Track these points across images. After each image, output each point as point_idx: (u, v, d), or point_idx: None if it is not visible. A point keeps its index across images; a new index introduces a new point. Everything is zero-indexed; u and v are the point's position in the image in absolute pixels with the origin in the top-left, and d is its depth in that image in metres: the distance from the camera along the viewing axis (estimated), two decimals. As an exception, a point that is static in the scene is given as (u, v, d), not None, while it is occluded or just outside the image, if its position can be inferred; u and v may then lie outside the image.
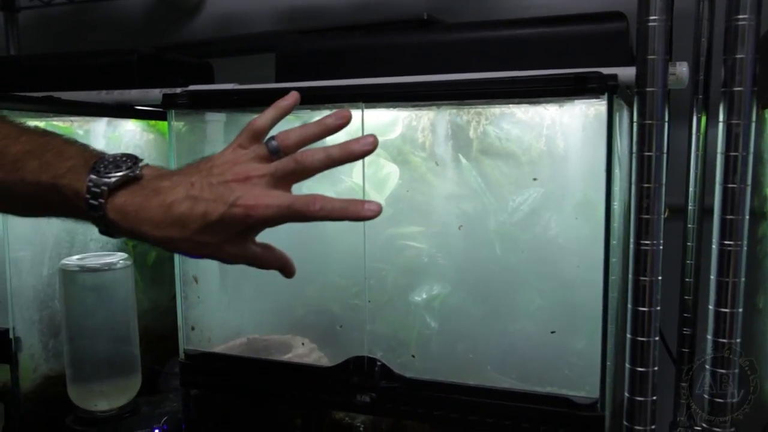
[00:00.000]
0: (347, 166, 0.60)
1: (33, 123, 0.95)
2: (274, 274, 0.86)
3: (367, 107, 0.70)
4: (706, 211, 0.91)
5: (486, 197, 0.78)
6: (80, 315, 0.86)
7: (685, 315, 0.94)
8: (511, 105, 0.73)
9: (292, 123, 0.85)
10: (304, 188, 0.57)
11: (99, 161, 0.54)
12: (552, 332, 0.68)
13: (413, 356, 0.73)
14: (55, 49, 1.43)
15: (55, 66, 1.09)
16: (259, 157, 0.56)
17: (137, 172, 0.54)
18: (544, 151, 0.75)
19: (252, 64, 1.20)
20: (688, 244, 0.94)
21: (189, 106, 0.75)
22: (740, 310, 0.58)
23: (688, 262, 0.94)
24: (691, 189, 0.93)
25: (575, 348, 0.70)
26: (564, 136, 0.73)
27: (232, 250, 0.55)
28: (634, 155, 0.58)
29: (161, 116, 1.03)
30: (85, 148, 0.57)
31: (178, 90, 0.94)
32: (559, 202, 0.75)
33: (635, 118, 0.57)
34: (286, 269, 0.59)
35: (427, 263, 0.80)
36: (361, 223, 0.76)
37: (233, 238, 0.54)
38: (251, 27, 1.38)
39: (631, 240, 0.58)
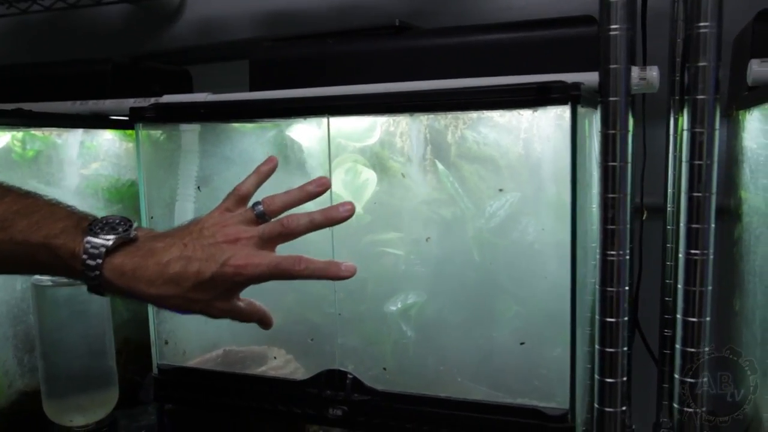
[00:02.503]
0: (325, 172, 0.70)
1: (7, 134, 0.95)
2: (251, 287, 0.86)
3: (332, 117, 0.69)
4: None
5: (463, 202, 0.77)
6: (53, 330, 0.85)
7: (666, 317, 0.94)
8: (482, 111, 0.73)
9: (267, 131, 0.85)
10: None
11: (93, 223, 0.57)
12: (521, 343, 0.68)
13: (384, 369, 0.72)
14: (34, 58, 1.42)
15: (28, 76, 1.08)
16: (247, 220, 0.61)
17: (132, 234, 0.58)
18: (521, 155, 0.74)
19: (230, 70, 1.19)
20: (668, 245, 0.94)
21: (156, 119, 0.74)
22: (708, 319, 0.57)
23: (668, 263, 0.94)
24: (669, 190, 0.93)
25: (550, 357, 0.70)
26: (540, 140, 0.72)
27: (220, 305, 0.59)
28: (598, 165, 0.57)
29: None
30: (73, 211, 0.60)
31: (152, 100, 0.94)
32: (535, 208, 0.75)
33: (599, 128, 0.57)
34: (264, 321, 0.64)
35: (403, 271, 0.79)
36: (336, 231, 0.76)
37: (222, 295, 0.58)
38: (231, 33, 1.36)
39: (594, 239, 0.58)
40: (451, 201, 0.76)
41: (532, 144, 0.72)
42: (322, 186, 0.63)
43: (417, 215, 0.79)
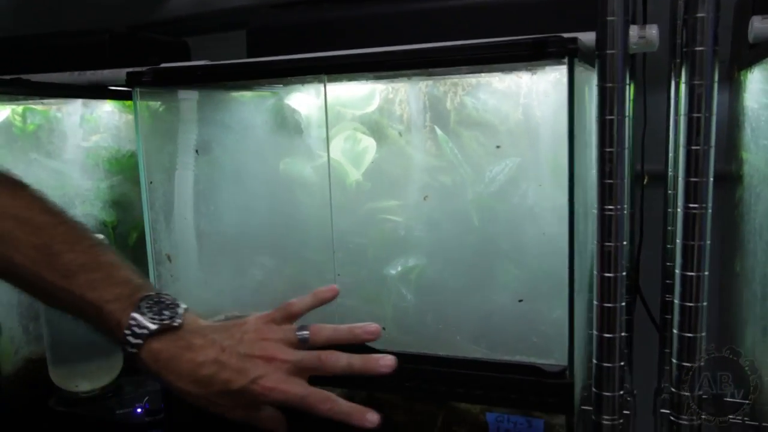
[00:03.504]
0: (324, 141, 0.70)
1: (7, 108, 0.95)
2: (251, 252, 0.86)
3: (329, 80, 0.69)
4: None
5: (463, 168, 0.77)
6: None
7: (668, 281, 0.93)
8: (484, 74, 0.73)
9: (266, 99, 0.85)
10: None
11: (145, 299, 0.59)
12: (520, 300, 0.68)
13: (383, 328, 0.72)
14: (35, 29, 1.41)
15: (26, 47, 1.07)
16: (288, 340, 0.61)
17: (177, 321, 0.59)
18: (520, 120, 0.74)
19: (229, 41, 1.18)
20: (669, 210, 0.93)
21: (153, 83, 0.74)
22: (706, 273, 0.57)
23: (669, 228, 0.94)
24: (670, 155, 0.92)
25: (548, 316, 0.70)
26: (539, 104, 0.72)
27: (240, 413, 0.61)
28: (596, 119, 0.57)
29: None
30: (131, 276, 0.61)
31: (145, 68, 0.94)
32: (535, 171, 0.74)
33: (596, 82, 0.56)
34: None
35: (403, 236, 0.79)
36: (336, 197, 0.77)
37: (245, 405, 0.60)
38: (229, 1, 1.35)
39: (596, 205, 0.58)
40: (450, 167, 0.76)
41: (531, 109, 0.72)
42: (373, 335, 0.63)
43: (416, 181, 0.79)
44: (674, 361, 0.59)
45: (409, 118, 0.79)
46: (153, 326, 0.57)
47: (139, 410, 0.87)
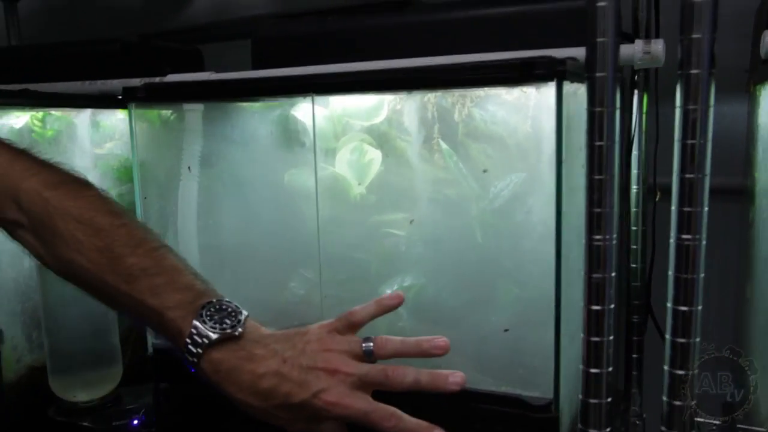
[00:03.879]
0: (329, 152, 0.70)
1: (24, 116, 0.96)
2: (254, 264, 0.85)
3: (317, 96, 0.68)
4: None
5: (467, 183, 0.75)
6: (58, 306, 0.87)
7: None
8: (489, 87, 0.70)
9: (273, 110, 0.84)
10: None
11: (206, 306, 0.58)
12: (505, 330, 0.66)
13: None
14: (56, 38, 1.43)
15: (39, 57, 1.09)
16: (352, 352, 0.60)
17: (238, 331, 0.58)
18: (529, 133, 0.72)
19: (243, 49, 1.19)
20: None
21: (147, 99, 0.74)
22: (699, 308, 0.54)
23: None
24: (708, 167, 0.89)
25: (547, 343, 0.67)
26: (548, 118, 0.69)
27: (301, 427, 0.59)
28: (585, 145, 0.54)
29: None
30: (194, 281, 0.60)
31: (157, 79, 0.94)
32: (541, 188, 0.72)
33: (586, 106, 0.54)
34: None
35: (403, 252, 0.78)
36: (339, 210, 0.77)
37: (305, 419, 0.59)
38: (245, 11, 1.36)
39: (584, 235, 0.55)
40: (456, 180, 0.74)
41: (539, 122, 0.69)
42: (439, 349, 0.61)
43: (421, 195, 0.77)
44: (664, 398, 0.56)
45: (416, 129, 0.77)
46: (214, 335, 0.57)
47: (135, 422, 0.87)
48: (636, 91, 0.89)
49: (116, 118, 1.10)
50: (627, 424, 0.92)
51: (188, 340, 0.57)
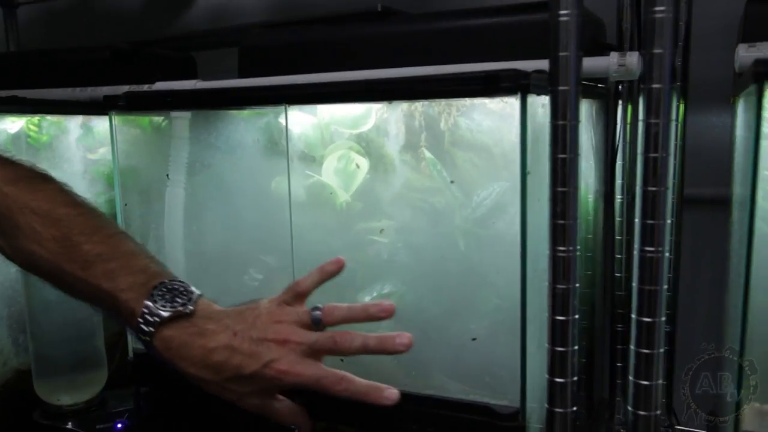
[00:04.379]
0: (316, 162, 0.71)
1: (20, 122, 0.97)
2: (236, 274, 0.86)
3: (290, 107, 0.69)
4: (688, 201, 0.88)
5: (451, 191, 0.76)
6: (42, 310, 0.88)
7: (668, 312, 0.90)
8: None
9: (261, 117, 0.85)
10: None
11: (158, 287, 0.59)
12: (473, 339, 0.66)
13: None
14: (55, 45, 1.45)
15: (29, 63, 1.10)
16: (301, 322, 0.61)
17: (189, 308, 0.59)
18: (515, 143, 0.72)
19: (234, 56, 1.20)
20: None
21: (128, 107, 0.75)
22: (663, 319, 0.55)
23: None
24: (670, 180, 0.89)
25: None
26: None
27: (254, 401, 0.60)
28: (549, 157, 0.55)
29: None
30: (149, 264, 0.61)
31: (145, 87, 0.95)
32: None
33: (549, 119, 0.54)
34: (299, 427, 0.64)
35: (384, 260, 0.78)
36: (325, 217, 0.77)
37: (258, 392, 0.59)
38: (242, 19, 1.37)
39: (548, 246, 0.56)
40: (440, 189, 0.75)
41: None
42: (385, 312, 0.62)
43: (407, 203, 0.77)
44: (630, 408, 0.57)
45: (403, 137, 0.78)
46: (165, 314, 0.58)
47: (119, 425, 0.88)
48: (620, 102, 0.90)
49: (104, 126, 1.11)
50: (608, 432, 0.92)
51: (140, 320, 0.58)
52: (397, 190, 0.78)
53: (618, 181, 0.92)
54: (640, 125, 0.54)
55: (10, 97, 0.94)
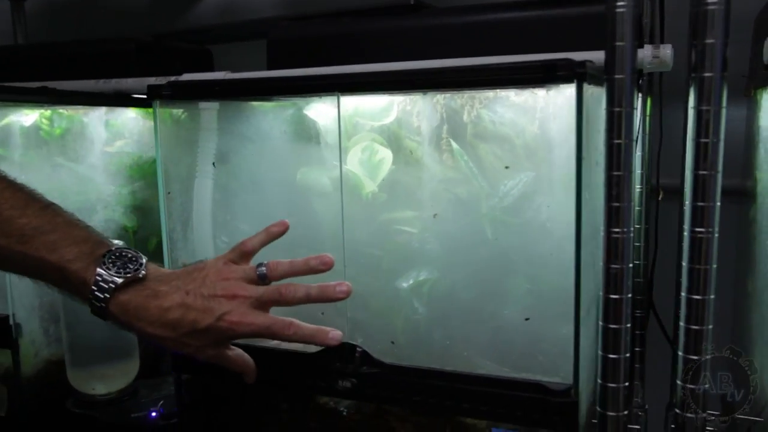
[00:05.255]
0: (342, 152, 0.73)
1: (36, 112, 0.97)
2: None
3: (342, 95, 0.70)
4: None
5: (478, 181, 0.78)
6: (77, 302, 0.88)
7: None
8: (500, 89, 0.73)
9: (285, 109, 0.86)
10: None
11: (107, 254, 0.61)
12: (526, 319, 0.68)
13: (392, 342, 0.73)
14: (62, 38, 1.45)
15: (53, 55, 1.10)
16: (248, 278, 0.65)
17: (142, 273, 0.61)
18: (537, 135, 0.74)
19: (251, 50, 1.20)
20: (684, 227, 0.93)
21: (172, 97, 0.76)
22: (712, 297, 0.58)
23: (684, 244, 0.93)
24: (687, 172, 0.92)
25: (557, 333, 0.70)
26: (556, 119, 0.72)
27: (210, 352, 0.64)
28: (604, 143, 0.57)
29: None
30: (90, 233, 0.63)
31: (171, 78, 0.96)
32: (550, 187, 0.75)
33: (604, 106, 0.57)
34: (246, 374, 0.68)
35: (417, 249, 0.80)
36: (352, 207, 0.78)
37: (213, 343, 0.64)
38: (253, 13, 1.38)
39: (602, 228, 0.58)
40: (465, 180, 0.77)
41: (547, 123, 0.72)
42: (325, 265, 0.66)
43: (432, 194, 0.79)
44: (679, 382, 0.60)
45: (426, 130, 0.79)
46: (119, 280, 0.60)
47: (153, 414, 0.88)
48: (640, 95, 0.92)
49: (126, 117, 1.11)
50: (630, 415, 0.95)
51: (94, 288, 0.60)
52: (425, 181, 0.80)
53: (637, 171, 0.95)
54: (691, 112, 0.57)
55: (40, 88, 0.94)
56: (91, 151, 1.07)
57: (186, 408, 0.81)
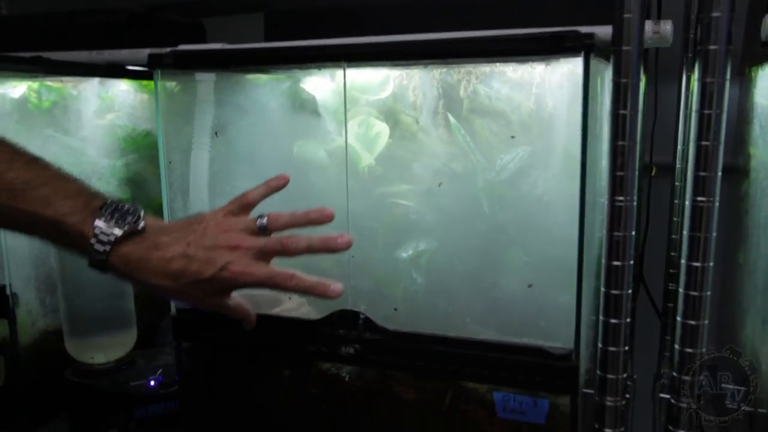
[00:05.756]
0: (339, 124, 0.74)
1: (23, 84, 0.96)
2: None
3: (348, 66, 0.70)
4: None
5: (474, 155, 0.79)
6: (75, 270, 0.88)
7: (671, 271, 0.96)
8: (498, 64, 0.74)
9: (282, 82, 0.86)
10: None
11: (104, 207, 0.60)
12: (529, 285, 0.70)
13: (395, 309, 0.75)
14: (49, 8, 1.42)
15: (45, 26, 1.09)
16: (249, 229, 0.64)
17: (142, 225, 0.61)
18: (532, 110, 0.75)
19: (244, 23, 1.20)
20: (675, 201, 0.95)
21: (175, 66, 0.75)
22: (711, 264, 0.59)
23: (674, 219, 0.96)
24: (679, 147, 0.94)
25: (556, 302, 0.72)
26: (553, 94, 0.73)
27: (211, 302, 0.65)
28: (609, 113, 0.59)
29: (152, 76, 1.04)
30: (81, 187, 0.62)
31: (167, 50, 0.95)
32: (546, 161, 0.76)
33: (611, 77, 0.58)
34: (247, 321, 0.70)
35: (414, 221, 0.81)
36: (349, 182, 0.78)
37: (215, 293, 0.64)
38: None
39: (604, 195, 0.60)
40: (462, 154, 0.77)
41: (544, 98, 0.73)
42: (326, 217, 0.66)
43: (428, 167, 0.80)
44: (677, 347, 0.61)
45: (422, 104, 0.80)
46: (119, 232, 0.60)
47: (152, 382, 0.89)
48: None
49: (118, 90, 1.11)
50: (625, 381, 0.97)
51: (93, 240, 0.59)
52: (421, 155, 0.80)
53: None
54: (696, 84, 0.58)
55: (34, 58, 0.92)
56: (83, 124, 1.06)
57: (186, 376, 0.82)
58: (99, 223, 0.59)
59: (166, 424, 0.90)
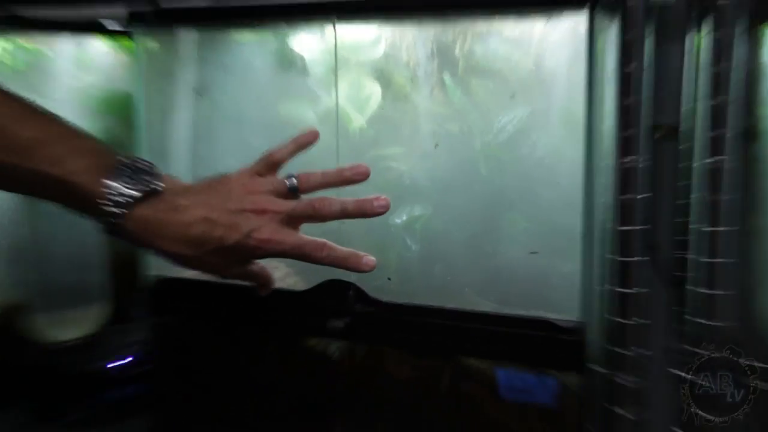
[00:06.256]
0: (328, 85, 0.70)
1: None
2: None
3: (338, 21, 0.66)
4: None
5: (471, 117, 0.75)
6: (43, 242, 0.85)
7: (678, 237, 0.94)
8: (495, 21, 0.70)
9: (269, 41, 0.82)
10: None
11: (118, 167, 0.55)
12: (532, 252, 0.66)
13: (389, 279, 0.71)
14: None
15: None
16: (277, 191, 0.59)
17: (160, 186, 0.56)
18: (531, 70, 0.72)
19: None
20: (679, 165, 0.93)
21: (156, 23, 0.71)
22: (737, 228, 0.57)
23: (678, 183, 0.93)
24: (683, 108, 0.92)
25: (560, 270, 0.69)
26: (552, 53, 0.70)
27: (234, 270, 0.60)
28: (616, 71, 0.56)
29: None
30: (97, 144, 0.57)
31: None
32: (546, 122, 0.73)
33: (616, 34, 0.55)
34: (267, 287, 0.64)
35: (408, 185, 0.78)
36: (340, 142, 0.76)
37: (238, 261, 0.59)
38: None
39: (607, 158, 0.57)
40: (458, 115, 0.75)
41: (543, 58, 0.70)
42: (361, 175, 0.61)
43: (423, 129, 0.77)
44: (699, 320, 0.58)
45: (415, 64, 0.77)
46: (136, 193, 0.54)
47: (129, 359, 0.85)
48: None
49: (95, 51, 1.06)
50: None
51: (108, 202, 0.54)
52: (415, 116, 0.77)
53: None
54: (705, 39, 0.55)
55: (10, 17, 0.88)
56: (58, 86, 1.01)
57: (162, 353, 0.78)
58: (115, 184, 0.54)
59: (141, 407, 0.85)
